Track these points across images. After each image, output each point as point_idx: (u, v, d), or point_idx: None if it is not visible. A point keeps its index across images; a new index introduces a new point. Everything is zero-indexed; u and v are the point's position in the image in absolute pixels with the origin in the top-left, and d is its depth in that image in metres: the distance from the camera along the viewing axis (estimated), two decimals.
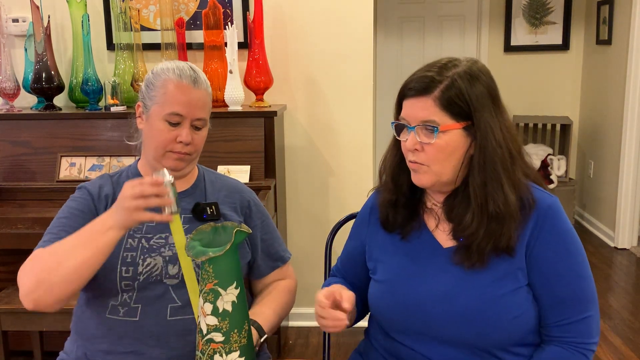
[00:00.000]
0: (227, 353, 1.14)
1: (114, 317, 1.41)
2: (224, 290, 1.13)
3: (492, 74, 1.28)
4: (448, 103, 1.21)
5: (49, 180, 2.60)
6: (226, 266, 1.13)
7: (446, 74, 1.22)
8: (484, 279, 1.25)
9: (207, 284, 1.13)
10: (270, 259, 1.60)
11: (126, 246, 1.42)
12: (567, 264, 1.26)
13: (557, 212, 1.27)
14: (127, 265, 1.40)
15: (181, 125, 1.42)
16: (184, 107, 1.41)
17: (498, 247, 1.24)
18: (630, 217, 4.25)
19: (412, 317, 1.30)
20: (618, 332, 3.06)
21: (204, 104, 1.45)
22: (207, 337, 1.14)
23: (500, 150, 1.23)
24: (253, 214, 1.57)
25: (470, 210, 1.25)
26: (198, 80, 1.44)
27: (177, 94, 1.41)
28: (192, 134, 1.43)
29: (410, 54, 5.26)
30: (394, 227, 1.37)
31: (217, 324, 1.13)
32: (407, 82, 1.26)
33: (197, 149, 1.48)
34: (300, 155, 2.98)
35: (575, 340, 1.26)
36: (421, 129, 1.23)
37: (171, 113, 1.41)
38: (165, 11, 2.75)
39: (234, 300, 1.13)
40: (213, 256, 1.10)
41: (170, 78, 1.42)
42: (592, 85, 4.80)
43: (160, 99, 1.42)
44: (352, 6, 2.84)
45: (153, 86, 1.44)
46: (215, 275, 1.12)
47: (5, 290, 2.39)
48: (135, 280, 1.40)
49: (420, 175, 1.27)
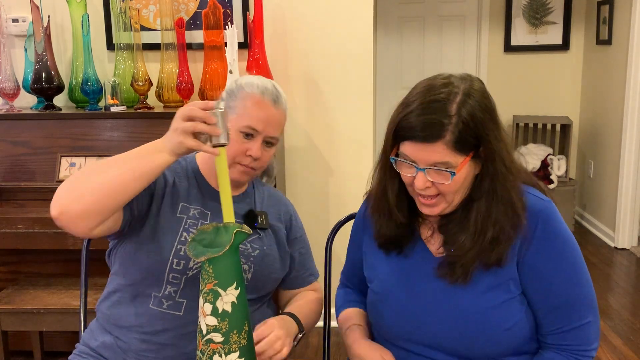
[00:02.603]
0: (227, 354, 1.14)
1: (157, 309, 1.41)
2: (224, 290, 1.13)
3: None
4: (459, 142, 1.16)
5: (48, 180, 2.60)
6: (226, 267, 1.13)
7: (450, 110, 1.15)
8: (475, 291, 1.23)
9: (207, 284, 1.13)
10: (305, 272, 1.64)
11: (181, 239, 1.42)
12: (561, 270, 1.23)
13: (549, 217, 1.23)
14: (180, 258, 1.40)
15: (254, 139, 1.45)
16: (261, 123, 1.44)
17: (486, 264, 1.22)
18: (630, 217, 4.25)
19: (408, 326, 1.29)
20: (618, 332, 3.06)
21: (279, 124, 1.49)
22: (207, 337, 1.14)
23: (508, 175, 1.21)
24: (294, 227, 1.61)
25: (466, 232, 1.22)
26: (279, 101, 1.49)
27: (257, 110, 1.45)
28: (262, 150, 1.46)
29: (410, 54, 5.26)
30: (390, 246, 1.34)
31: (217, 324, 1.13)
32: (407, 125, 1.17)
33: (263, 166, 1.50)
34: (300, 155, 2.98)
35: (573, 347, 1.24)
36: (433, 170, 1.18)
37: (248, 126, 1.43)
38: (165, 11, 2.75)
39: (233, 301, 1.13)
40: (212, 256, 1.10)
41: (253, 93, 1.46)
42: (592, 85, 4.80)
43: (240, 111, 1.45)
44: (352, 6, 2.84)
45: (235, 97, 1.47)
46: (215, 275, 1.12)
47: (5, 290, 2.39)
48: (184, 274, 1.40)
49: (433, 208, 1.24)
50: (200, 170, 1.53)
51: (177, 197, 1.47)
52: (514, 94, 5.06)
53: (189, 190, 1.49)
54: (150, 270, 1.40)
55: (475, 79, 1.23)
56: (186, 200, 1.47)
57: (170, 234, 1.42)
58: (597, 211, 4.70)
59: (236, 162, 1.45)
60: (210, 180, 1.52)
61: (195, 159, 1.55)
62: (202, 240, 1.18)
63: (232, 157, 1.43)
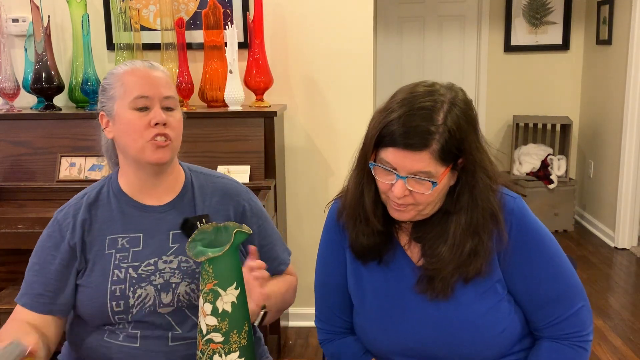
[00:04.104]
0: (227, 353, 1.13)
1: (113, 342, 1.36)
2: (224, 290, 1.12)
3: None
4: (443, 152, 1.13)
5: (49, 180, 2.60)
6: (226, 267, 1.12)
7: (437, 119, 1.13)
8: (462, 302, 1.23)
9: (207, 284, 1.13)
10: (272, 264, 1.47)
11: (113, 279, 1.34)
12: (543, 264, 1.23)
13: (521, 215, 1.23)
14: (117, 299, 1.33)
15: (150, 108, 1.34)
16: (147, 88, 1.34)
17: (465, 278, 1.21)
18: (630, 217, 4.25)
19: (399, 341, 1.27)
20: (618, 332, 3.06)
21: (167, 83, 1.38)
22: (207, 337, 1.14)
23: (491, 184, 1.20)
24: (248, 221, 1.46)
25: (444, 244, 1.21)
26: (154, 66, 1.39)
27: (136, 79, 1.35)
28: (165, 116, 1.34)
29: (410, 54, 5.26)
30: (368, 256, 1.30)
31: (217, 324, 1.13)
32: (391, 131, 1.14)
33: (176, 133, 1.37)
34: (300, 155, 2.98)
35: (571, 335, 1.25)
36: (413, 179, 1.15)
37: (136, 97, 1.33)
38: (165, 11, 2.75)
39: (233, 301, 1.13)
40: (212, 256, 1.10)
41: (124, 70, 1.37)
42: (592, 85, 4.80)
43: (120, 93, 1.35)
44: (352, 6, 2.84)
45: (110, 86, 1.38)
46: (215, 275, 1.12)
47: (5, 290, 2.39)
48: (128, 314, 1.34)
49: (403, 213, 1.21)
50: (124, 190, 1.42)
51: (100, 234, 1.38)
52: (513, 94, 5.06)
53: (112, 218, 1.39)
54: (96, 316, 1.36)
55: (459, 88, 1.21)
56: (112, 231, 1.38)
57: (102, 277, 1.35)
58: (597, 211, 4.70)
59: (146, 142, 1.33)
60: (137, 197, 1.41)
61: (118, 182, 1.43)
62: (202, 240, 1.18)
63: (139, 136, 1.33)
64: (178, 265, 1.37)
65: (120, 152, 1.42)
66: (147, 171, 1.39)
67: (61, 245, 1.37)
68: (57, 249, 1.37)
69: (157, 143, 1.34)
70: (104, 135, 1.43)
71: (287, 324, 3.10)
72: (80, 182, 2.54)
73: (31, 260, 1.40)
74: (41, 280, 1.36)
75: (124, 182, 1.42)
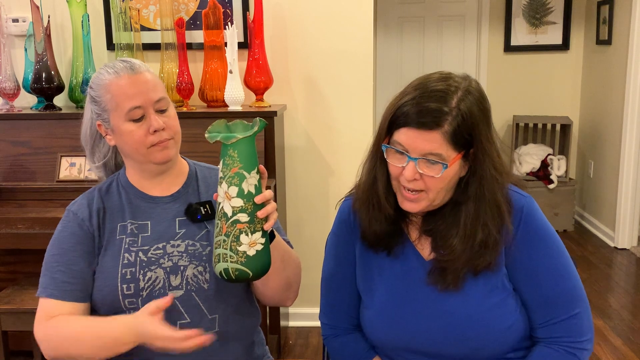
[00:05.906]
0: (252, 232, 1.19)
1: None
2: (248, 173, 1.18)
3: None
4: (455, 136, 1.15)
5: (49, 180, 2.60)
6: (249, 151, 1.18)
7: (451, 102, 1.16)
8: (471, 297, 1.23)
9: (231, 168, 1.18)
10: None
11: (123, 262, 1.38)
12: (547, 264, 1.24)
13: (530, 213, 1.25)
14: (128, 282, 1.36)
15: (146, 116, 1.36)
16: (137, 98, 1.35)
17: (475, 271, 1.22)
18: (630, 217, 4.25)
19: (406, 336, 1.28)
20: (618, 332, 3.06)
21: (154, 85, 1.38)
22: (233, 218, 1.18)
23: (497, 177, 1.21)
24: None
25: (456, 235, 1.22)
26: (134, 67, 1.38)
27: (123, 90, 1.35)
28: (161, 119, 1.37)
29: (410, 54, 5.26)
30: (379, 244, 1.31)
31: (243, 204, 1.18)
32: (406, 111, 1.17)
33: (175, 131, 1.41)
34: (300, 155, 2.98)
35: (564, 339, 1.24)
36: (424, 161, 1.17)
37: (129, 110, 1.35)
38: (165, 11, 2.75)
39: (256, 184, 1.19)
40: (241, 137, 1.16)
41: (108, 80, 1.37)
42: (592, 85, 4.81)
43: (112, 105, 1.37)
44: (352, 6, 2.84)
45: (99, 98, 1.39)
46: (240, 159, 1.17)
47: (5, 290, 2.39)
48: (138, 297, 1.36)
49: (415, 204, 1.22)
50: (132, 183, 1.46)
51: (112, 221, 1.42)
52: (513, 94, 5.06)
53: (122, 207, 1.44)
54: (106, 301, 1.38)
55: (474, 80, 1.25)
56: (122, 219, 1.42)
57: (112, 261, 1.38)
58: (597, 211, 4.70)
59: (149, 147, 1.37)
60: (144, 189, 1.46)
61: (127, 177, 1.48)
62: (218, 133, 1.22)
63: (141, 145, 1.37)
64: (185, 248, 1.40)
65: (124, 155, 1.46)
66: (153, 168, 1.43)
67: (80, 233, 1.40)
68: (75, 235, 1.40)
69: (161, 145, 1.39)
70: (84, 126, 1.49)
71: (287, 324, 3.10)
72: (80, 182, 2.54)
73: (49, 252, 1.41)
74: (63, 268, 1.38)
75: (132, 177, 1.47)
